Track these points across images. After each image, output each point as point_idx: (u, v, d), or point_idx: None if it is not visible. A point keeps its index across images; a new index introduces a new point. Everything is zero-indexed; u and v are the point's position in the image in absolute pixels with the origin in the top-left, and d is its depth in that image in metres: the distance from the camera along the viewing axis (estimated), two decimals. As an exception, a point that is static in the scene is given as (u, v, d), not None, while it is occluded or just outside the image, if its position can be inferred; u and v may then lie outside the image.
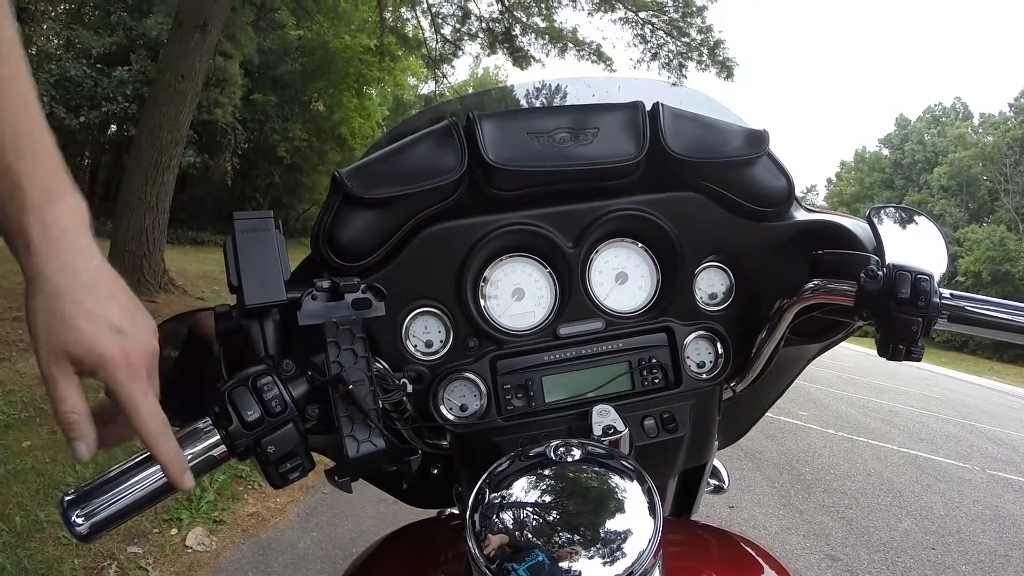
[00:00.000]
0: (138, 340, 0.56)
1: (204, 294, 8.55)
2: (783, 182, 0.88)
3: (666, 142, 0.83)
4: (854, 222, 0.89)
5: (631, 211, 0.86)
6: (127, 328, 0.55)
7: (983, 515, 5.10)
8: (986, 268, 38.72)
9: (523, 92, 1.17)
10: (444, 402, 0.83)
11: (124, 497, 0.56)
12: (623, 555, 0.50)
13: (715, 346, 0.90)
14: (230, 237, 0.67)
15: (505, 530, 0.53)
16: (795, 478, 5.32)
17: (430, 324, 0.85)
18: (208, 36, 7.80)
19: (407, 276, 0.82)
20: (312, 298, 0.66)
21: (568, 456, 0.59)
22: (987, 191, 47.41)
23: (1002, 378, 24.22)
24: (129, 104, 15.28)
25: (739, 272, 0.92)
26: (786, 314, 0.85)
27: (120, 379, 0.54)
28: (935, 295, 0.70)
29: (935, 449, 7.37)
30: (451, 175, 0.78)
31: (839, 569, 3.63)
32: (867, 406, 9.83)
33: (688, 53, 13.06)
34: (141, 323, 0.58)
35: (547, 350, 0.85)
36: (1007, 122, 48.34)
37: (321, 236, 0.78)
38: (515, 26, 13.91)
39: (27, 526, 2.73)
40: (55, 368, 0.53)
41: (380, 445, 0.63)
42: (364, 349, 0.66)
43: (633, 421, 0.82)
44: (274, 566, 2.86)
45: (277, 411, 0.60)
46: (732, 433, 1.08)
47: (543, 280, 0.87)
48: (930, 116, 57.21)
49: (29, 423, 3.79)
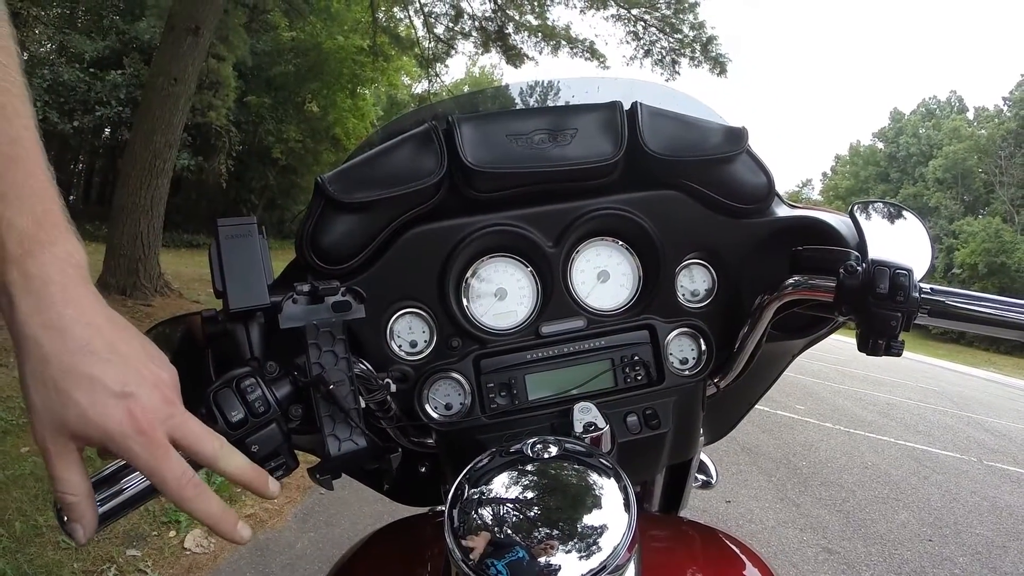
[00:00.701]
0: (149, 399, 0.50)
1: (200, 297, 8.54)
2: (763, 179, 0.89)
3: (644, 141, 0.84)
4: (837, 218, 0.90)
5: (611, 210, 0.87)
6: (133, 388, 0.49)
7: (980, 506, 5.12)
8: (982, 260, 38.82)
9: (504, 94, 1.18)
10: (429, 401, 0.84)
11: (117, 496, 0.57)
12: (598, 549, 0.51)
13: (698, 343, 0.91)
14: (214, 243, 0.68)
15: (483, 526, 0.54)
16: (792, 472, 5.33)
17: (414, 324, 0.86)
18: (201, 39, 7.79)
19: (390, 278, 0.83)
20: (293, 302, 0.67)
21: (545, 453, 0.60)
22: (982, 183, 47.53)
23: (999, 369, 24.29)
24: (122, 108, 15.28)
25: (721, 269, 0.92)
26: (767, 310, 0.85)
27: (135, 450, 0.48)
28: (914, 290, 0.71)
29: (932, 441, 7.40)
30: (431, 178, 0.79)
31: (836, 562, 3.64)
32: (864, 399, 9.85)
33: (681, 50, 13.07)
34: (152, 375, 0.52)
35: (530, 349, 0.86)
36: (1002, 115, 48.43)
37: (304, 240, 0.79)
38: (508, 24, 13.92)
39: (26, 531, 2.74)
40: (51, 444, 0.48)
41: (361, 444, 0.64)
42: (345, 350, 0.67)
43: (616, 418, 0.83)
44: (272, 567, 2.87)
45: (260, 411, 0.61)
46: (719, 429, 1.08)
47: (525, 280, 0.88)
48: (925, 109, 57.31)
49: (27, 429, 3.78)
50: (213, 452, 0.53)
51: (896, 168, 55.90)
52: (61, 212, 0.51)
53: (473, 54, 33.02)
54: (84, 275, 0.51)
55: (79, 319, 0.49)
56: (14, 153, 0.48)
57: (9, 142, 0.48)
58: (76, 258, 0.50)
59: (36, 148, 0.50)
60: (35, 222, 0.48)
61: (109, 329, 0.50)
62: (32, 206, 0.48)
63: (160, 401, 0.51)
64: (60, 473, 0.48)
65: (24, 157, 0.49)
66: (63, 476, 0.48)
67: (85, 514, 0.50)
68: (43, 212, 0.49)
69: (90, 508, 0.50)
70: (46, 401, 0.47)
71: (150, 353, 0.54)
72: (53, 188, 0.51)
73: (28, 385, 0.48)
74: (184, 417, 0.53)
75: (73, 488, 0.49)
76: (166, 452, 0.50)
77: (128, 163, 7.87)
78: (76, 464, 0.49)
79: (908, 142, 54.60)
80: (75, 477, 0.49)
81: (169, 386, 0.53)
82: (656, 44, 13.30)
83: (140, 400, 0.49)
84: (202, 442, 0.53)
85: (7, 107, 0.49)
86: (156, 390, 0.51)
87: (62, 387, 0.47)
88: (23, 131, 0.50)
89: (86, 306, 0.49)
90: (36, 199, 0.49)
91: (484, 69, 41.73)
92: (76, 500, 0.49)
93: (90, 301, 0.50)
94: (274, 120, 20.23)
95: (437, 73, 16.64)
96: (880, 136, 60.46)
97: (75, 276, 0.50)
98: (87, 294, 0.50)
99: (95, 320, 0.50)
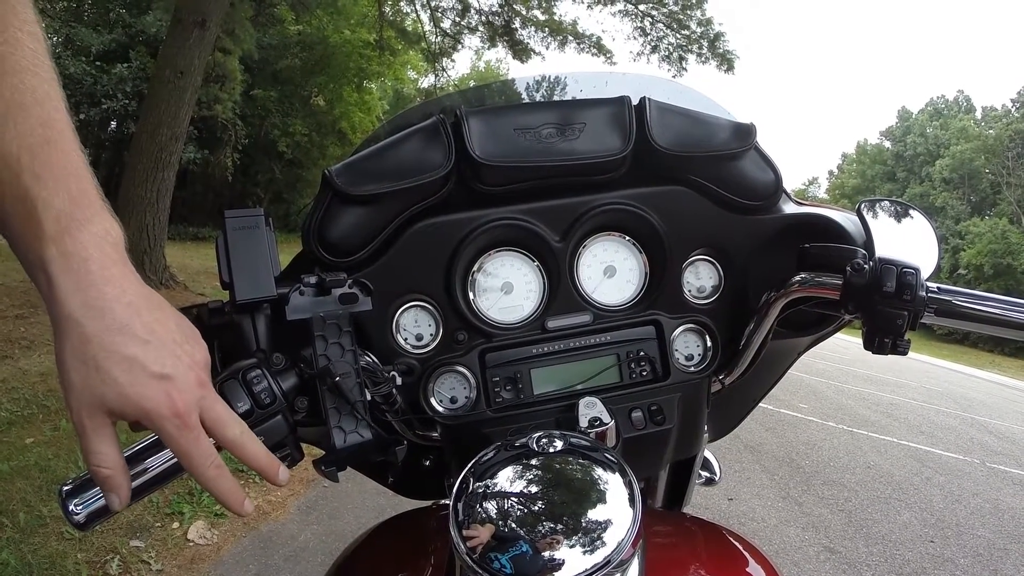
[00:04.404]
0: (185, 381, 0.51)
1: (205, 290, 8.56)
2: (770, 175, 0.89)
3: (652, 137, 0.83)
4: (844, 215, 0.90)
5: (618, 205, 0.86)
6: (170, 370, 0.50)
7: (982, 508, 5.11)
8: (988, 261, 38.70)
9: (511, 88, 1.18)
10: (434, 394, 0.84)
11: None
12: (603, 544, 0.51)
13: (703, 339, 0.91)
14: (221, 235, 0.68)
15: (488, 519, 0.54)
16: (795, 470, 5.33)
17: (420, 318, 0.86)
18: (207, 32, 7.81)
19: (397, 271, 0.83)
20: (300, 293, 0.67)
21: (550, 447, 0.60)
22: (989, 184, 47.34)
23: (1003, 371, 24.22)
24: (129, 101, 15.29)
25: (727, 265, 0.92)
26: (773, 307, 0.85)
27: (169, 431, 0.50)
28: (921, 289, 0.70)
29: (935, 442, 7.38)
30: (439, 171, 0.79)
31: (838, 562, 3.64)
32: (867, 399, 9.84)
33: (688, 46, 13.06)
34: (187, 356, 0.52)
35: (535, 343, 0.86)
36: (1009, 115, 48.22)
37: (311, 233, 0.79)
38: (515, 19, 13.91)
39: (31, 522, 2.75)
40: (87, 420, 0.48)
41: (366, 436, 0.64)
42: (351, 343, 0.67)
43: (621, 413, 0.83)
44: (275, 559, 2.88)
45: (266, 403, 0.61)
46: (723, 425, 1.08)
47: (531, 274, 0.88)
48: (932, 109, 57.10)
49: (32, 420, 3.81)
50: (235, 437, 0.54)
51: (903, 167, 55.71)
52: (96, 191, 0.51)
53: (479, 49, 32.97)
54: (122, 253, 0.51)
55: (119, 298, 0.49)
56: (47, 135, 0.49)
57: (41, 124, 0.49)
58: (113, 236, 0.51)
59: (68, 129, 0.51)
60: (71, 201, 0.49)
61: (147, 309, 0.51)
62: (67, 185, 0.49)
63: (195, 383, 0.52)
64: (95, 447, 0.49)
65: (57, 138, 0.50)
66: (98, 449, 0.49)
67: (121, 485, 0.51)
68: (78, 191, 0.49)
69: (125, 480, 0.51)
70: (85, 379, 0.48)
71: (186, 333, 0.54)
72: (87, 168, 0.51)
73: (66, 363, 0.48)
74: (213, 399, 0.54)
75: (108, 461, 0.49)
76: (198, 434, 0.51)
77: (134, 156, 7.89)
78: (111, 438, 0.50)
79: (915, 141, 54.42)
80: (110, 450, 0.50)
81: (202, 367, 0.54)
82: (663, 40, 13.30)
83: (177, 383, 0.50)
84: (227, 426, 0.54)
85: (38, 90, 0.50)
86: (191, 372, 0.52)
87: (102, 366, 0.47)
88: (54, 113, 0.50)
89: (125, 285, 0.50)
90: (71, 178, 0.49)
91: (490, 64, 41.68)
92: (111, 473, 0.50)
93: (129, 279, 0.50)
94: (280, 114, 20.24)
95: (443, 68, 16.66)
96: (887, 135, 60.25)
97: (113, 254, 0.50)
98: (126, 272, 0.50)
99: (134, 300, 0.50)
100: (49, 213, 0.48)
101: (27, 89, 0.49)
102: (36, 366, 4.67)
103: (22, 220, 0.48)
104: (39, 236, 0.47)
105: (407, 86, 28.29)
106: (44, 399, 4.10)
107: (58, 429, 3.70)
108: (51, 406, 4.02)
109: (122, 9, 16.99)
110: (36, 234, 0.48)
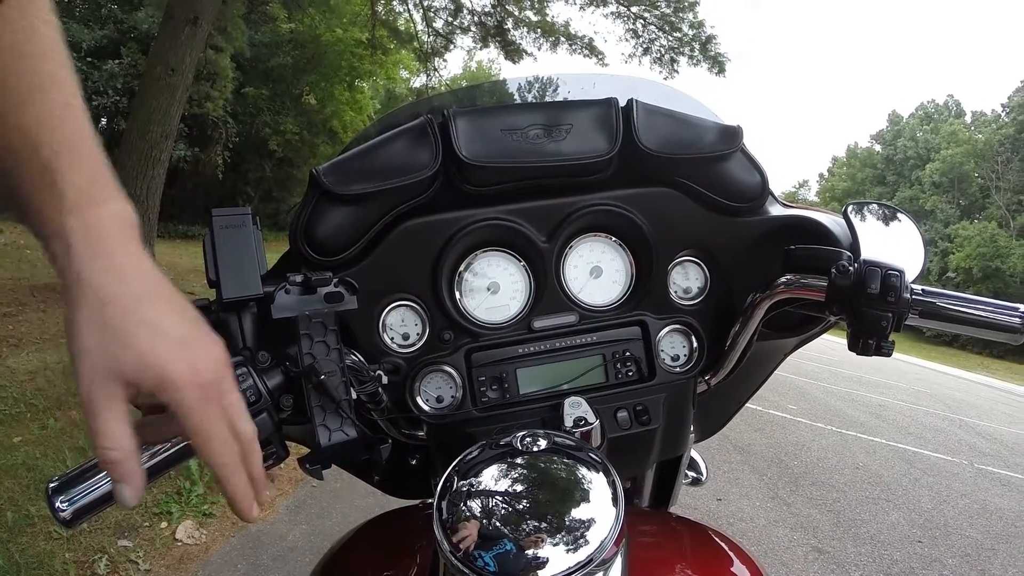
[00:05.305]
0: (208, 352, 0.49)
1: (194, 288, 8.51)
2: (757, 178, 0.89)
3: (639, 138, 0.84)
4: (830, 218, 0.90)
5: (605, 206, 0.87)
6: (192, 338, 0.48)
7: (970, 508, 5.14)
8: (977, 264, 38.91)
9: (501, 89, 1.19)
10: (420, 393, 0.84)
11: (106, 483, 0.57)
12: (585, 543, 0.52)
13: (689, 340, 0.91)
14: (209, 233, 0.68)
15: (472, 517, 0.54)
16: (783, 471, 5.35)
17: (407, 317, 0.86)
18: (199, 29, 7.76)
19: (384, 270, 0.83)
20: (285, 292, 0.67)
21: (534, 446, 0.60)
22: (979, 188, 47.64)
23: (992, 373, 24.37)
24: (119, 98, 15.16)
25: (713, 267, 0.93)
26: (759, 308, 0.86)
27: (188, 402, 0.47)
28: (905, 291, 0.71)
29: (923, 443, 7.42)
30: (426, 171, 0.80)
31: (826, 562, 3.66)
32: (856, 400, 9.88)
33: (680, 48, 13.09)
34: (207, 335, 0.51)
35: (521, 343, 0.86)
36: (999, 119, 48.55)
37: (298, 231, 0.79)
38: (507, 20, 13.91)
39: (18, 521, 2.74)
40: (100, 391, 0.45)
41: (351, 434, 0.65)
42: (336, 341, 0.67)
43: (607, 413, 0.83)
44: (263, 558, 2.88)
45: (251, 401, 0.61)
46: (710, 426, 1.09)
47: (518, 274, 0.88)
48: (923, 113, 57.37)
49: (19, 419, 3.79)
50: (248, 433, 0.52)
51: (893, 171, 55.98)
52: (112, 176, 0.51)
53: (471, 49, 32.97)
54: (138, 235, 0.50)
55: (139, 270, 0.48)
56: (64, 117, 0.50)
57: (60, 107, 0.50)
58: (131, 218, 0.50)
59: (84, 116, 0.51)
60: (90, 180, 0.49)
61: (166, 287, 0.50)
62: (87, 165, 0.49)
63: (218, 360, 0.50)
64: (104, 426, 0.45)
65: (75, 122, 0.50)
66: (109, 428, 0.45)
67: (133, 472, 0.46)
68: (97, 172, 0.50)
69: (137, 465, 0.47)
70: (101, 344, 0.45)
71: (201, 320, 0.52)
72: (103, 155, 0.51)
73: (81, 329, 0.46)
74: (232, 385, 0.52)
75: (118, 442, 0.45)
76: (219, 412, 0.48)
77: (124, 153, 7.83)
78: (123, 417, 0.46)
79: (905, 145, 54.69)
80: (122, 430, 0.46)
81: (223, 348, 0.52)
82: (655, 42, 13.32)
83: (200, 353, 0.48)
84: (243, 419, 0.51)
85: (56, 75, 0.51)
86: (215, 347, 0.50)
87: (122, 328, 0.45)
88: (72, 99, 0.51)
89: (144, 263, 0.49)
90: (90, 159, 0.50)
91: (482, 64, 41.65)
92: (121, 457, 0.45)
93: (146, 260, 0.49)
94: (271, 112, 20.12)
95: (435, 67, 16.63)
96: (878, 138, 60.54)
97: (131, 234, 0.49)
98: (143, 254, 0.50)
99: (154, 275, 0.49)
100: (70, 185, 0.47)
101: (45, 74, 0.50)
102: (24, 364, 4.64)
103: (42, 190, 0.47)
104: (59, 206, 0.47)
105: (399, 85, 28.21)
106: (32, 398, 4.07)
107: (46, 428, 3.67)
108: (39, 405, 4.00)
109: (114, 5, 16.86)
110: (56, 204, 0.47)
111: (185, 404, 0.47)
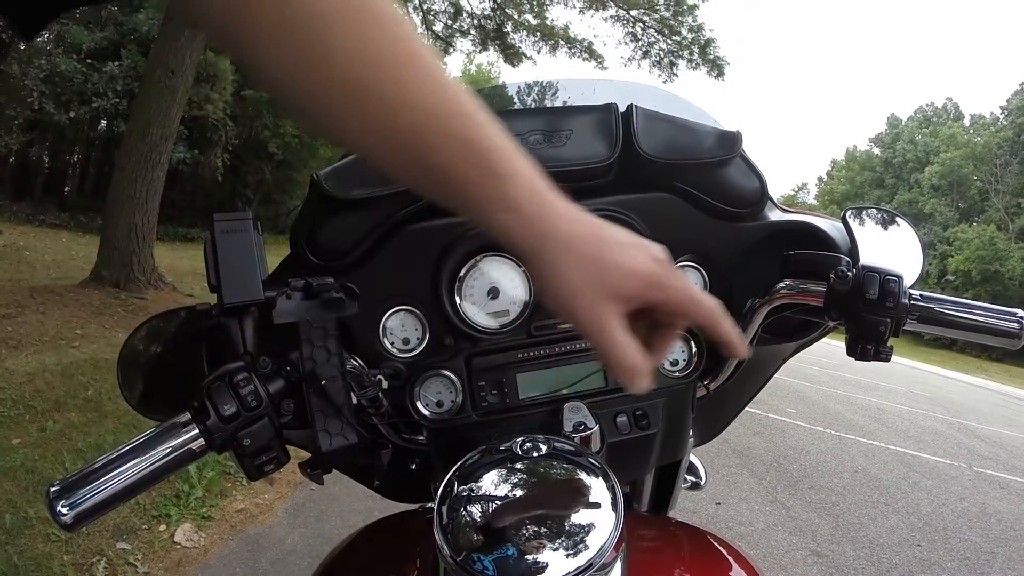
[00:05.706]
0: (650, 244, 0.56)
1: (194, 291, 8.52)
2: (756, 183, 0.90)
3: (638, 144, 0.84)
4: (829, 223, 0.91)
5: (604, 212, 0.87)
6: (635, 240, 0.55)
7: (969, 512, 5.15)
8: (976, 267, 38.98)
9: (501, 93, 1.19)
10: (421, 398, 0.85)
11: (107, 487, 0.57)
12: (585, 547, 0.52)
13: (688, 345, 0.92)
14: (210, 238, 0.68)
15: (472, 522, 0.54)
16: (782, 475, 5.35)
17: (407, 322, 0.87)
18: (199, 31, 7.77)
19: (384, 275, 0.84)
20: (287, 297, 0.67)
21: (534, 451, 0.61)
22: (977, 191, 47.72)
23: (990, 376, 24.39)
24: (119, 100, 15.17)
25: (712, 272, 0.93)
26: (758, 314, 0.86)
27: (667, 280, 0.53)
28: (904, 296, 0.71)
29: (923, 446, 7.43)
30: None
31: (825, 565, 3.65)
32: (856, 403, 9.89)
33: (679, 51, 13.12)
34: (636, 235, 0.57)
35: (521, 348, 0.86)
36: (998, 123, 48.63)
37: (300, 236, 0.80)
38: (506, 23, 13.93)
39: (17, 523, 2.73)
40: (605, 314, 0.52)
41: (352, 439, 0.65)
42: (337, 346, 0.67)
43: (606, 418, 0.83)
44: (262, 562, 2.87)
45: (253, 406, 0.61)
46: (709, 430, 1.09)
47: (518, 279, 0.89)
48: (921, 116, 57.53)
49: (18, 420, 3.78)
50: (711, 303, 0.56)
51: (892, 174, 56.07)
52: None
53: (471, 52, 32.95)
54: None
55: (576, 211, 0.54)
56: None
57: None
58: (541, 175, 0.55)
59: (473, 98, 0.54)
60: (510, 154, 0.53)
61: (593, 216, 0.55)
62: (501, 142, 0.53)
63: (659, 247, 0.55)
64: (619, 337, 0.52)
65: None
66: (622, 339, 0.52)
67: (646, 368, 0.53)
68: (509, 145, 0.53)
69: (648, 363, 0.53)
70: (589, 276, 0.52)
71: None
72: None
73: (569, 274, 0.52)
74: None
75: (633, 348, 0.52)
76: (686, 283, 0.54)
77: (124, 155, 7.84)
78: (627, 329, 0.52)
79: (904, 148, 54.79)
80: (630, 339, 0.52)
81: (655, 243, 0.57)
82: (654, 46, 13.35)
83: (647, 247, 0.54)
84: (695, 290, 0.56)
85: None
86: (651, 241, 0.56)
87: (599, 257, 0.52)
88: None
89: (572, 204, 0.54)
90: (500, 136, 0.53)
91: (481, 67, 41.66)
92: (639, 360, 0.52)
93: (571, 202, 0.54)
94: (271, 115, 20.11)
95: (435, 71, 16.63)
96: (877, 141, 60.66)
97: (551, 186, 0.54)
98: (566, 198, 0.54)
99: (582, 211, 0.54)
100: (502, 154, 0.52)
101: None
102: (23, 366, 4.64)
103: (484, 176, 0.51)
104: (502, 185, 0.51)
105: (399, 88, 28.19)
106: (31, 400, 4.07)
107: (45, 430, 3.67)
108: (38, 407, 4.00)
109: (114, 7, 16.88)
110: (499, 184, 0.51)
111: (666, 282, 0.53)
